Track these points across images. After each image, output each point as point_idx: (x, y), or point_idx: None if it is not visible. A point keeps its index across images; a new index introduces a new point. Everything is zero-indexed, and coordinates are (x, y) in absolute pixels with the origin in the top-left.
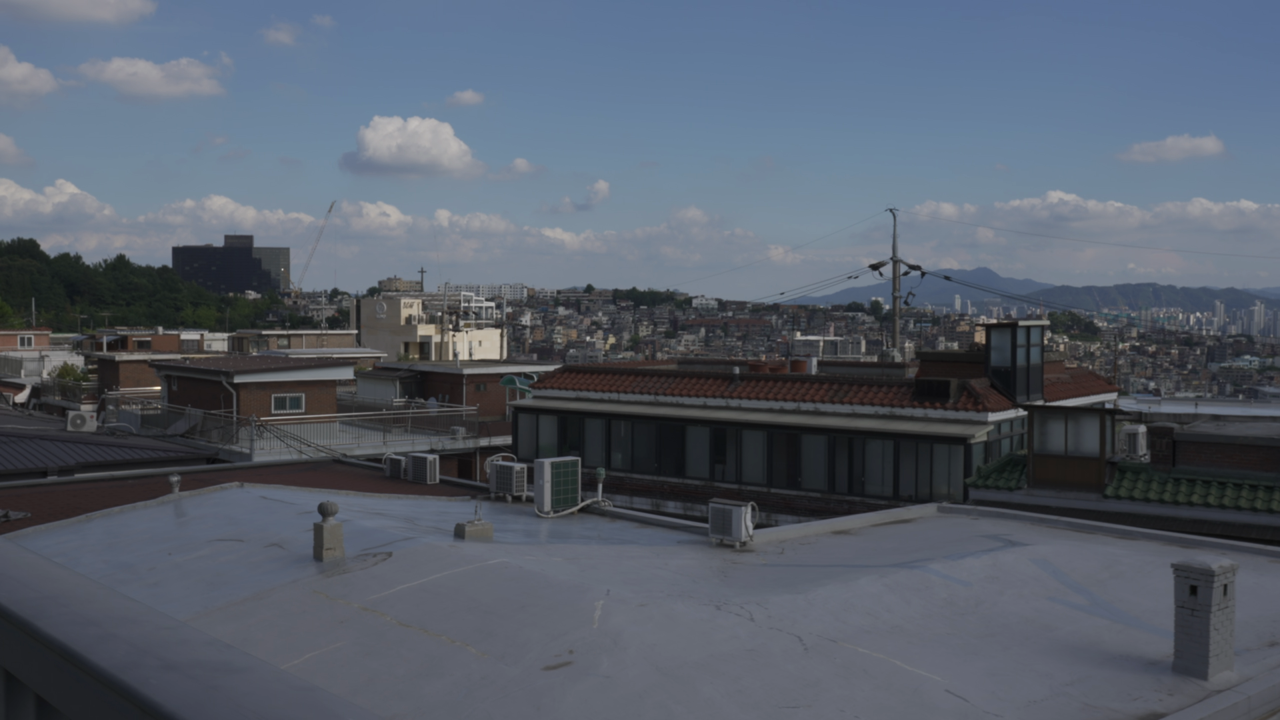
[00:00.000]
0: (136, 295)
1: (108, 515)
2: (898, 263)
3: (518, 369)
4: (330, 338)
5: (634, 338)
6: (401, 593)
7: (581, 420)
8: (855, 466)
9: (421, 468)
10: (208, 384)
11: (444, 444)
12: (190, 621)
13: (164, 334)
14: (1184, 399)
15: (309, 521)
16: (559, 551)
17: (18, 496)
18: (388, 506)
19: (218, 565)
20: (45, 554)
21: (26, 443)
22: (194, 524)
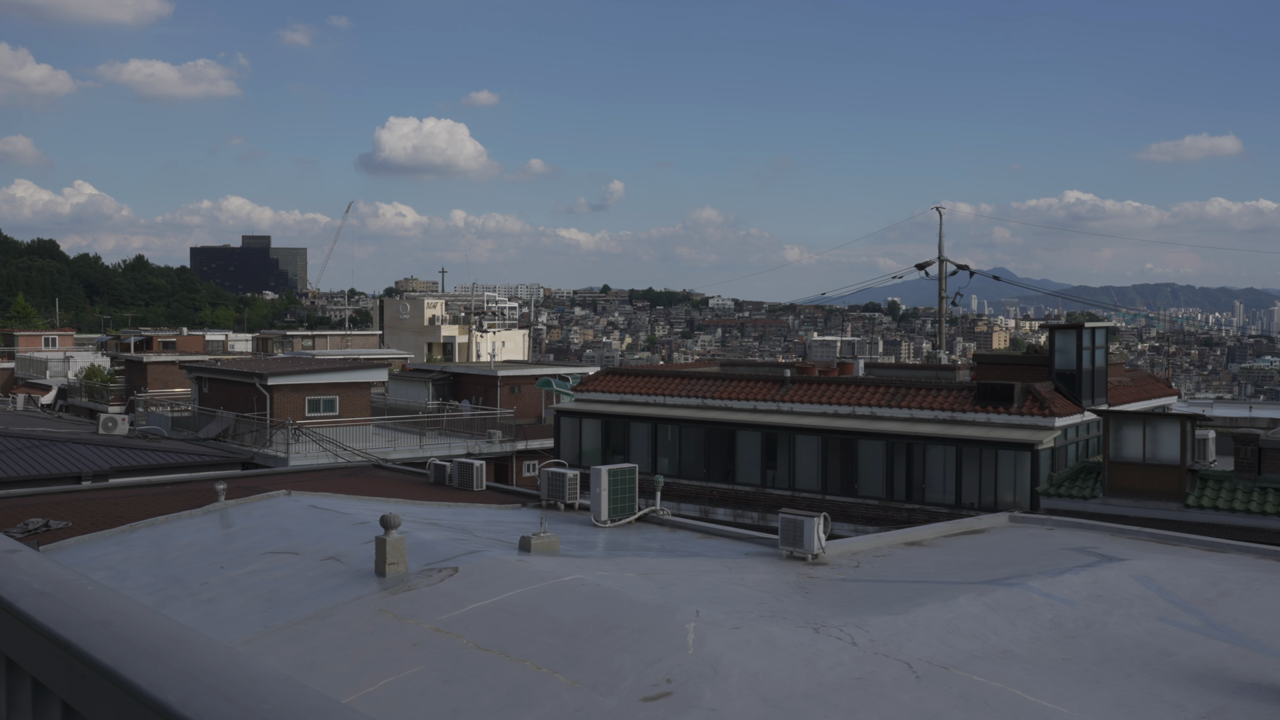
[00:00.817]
0: (155, 295)
1: (152, 525)
2: (944, 262)
3: (554, 370)
4: (355, 338)
5: (650, 338)
6: (475, 612)
7: (626, 424)
8: (915, 473)
9: (468, 474)
10: (240, 386)
11: (481, 447)
12: (251, 643)
13: (189, 334)
14: (1203, 400)
15: (365, 533)
16: (630, 566)
17: (57, 504)
18: (440, 515)
19: (273, 580)
20: (90, 566)
21: (59, 446)
22: (244, 535)
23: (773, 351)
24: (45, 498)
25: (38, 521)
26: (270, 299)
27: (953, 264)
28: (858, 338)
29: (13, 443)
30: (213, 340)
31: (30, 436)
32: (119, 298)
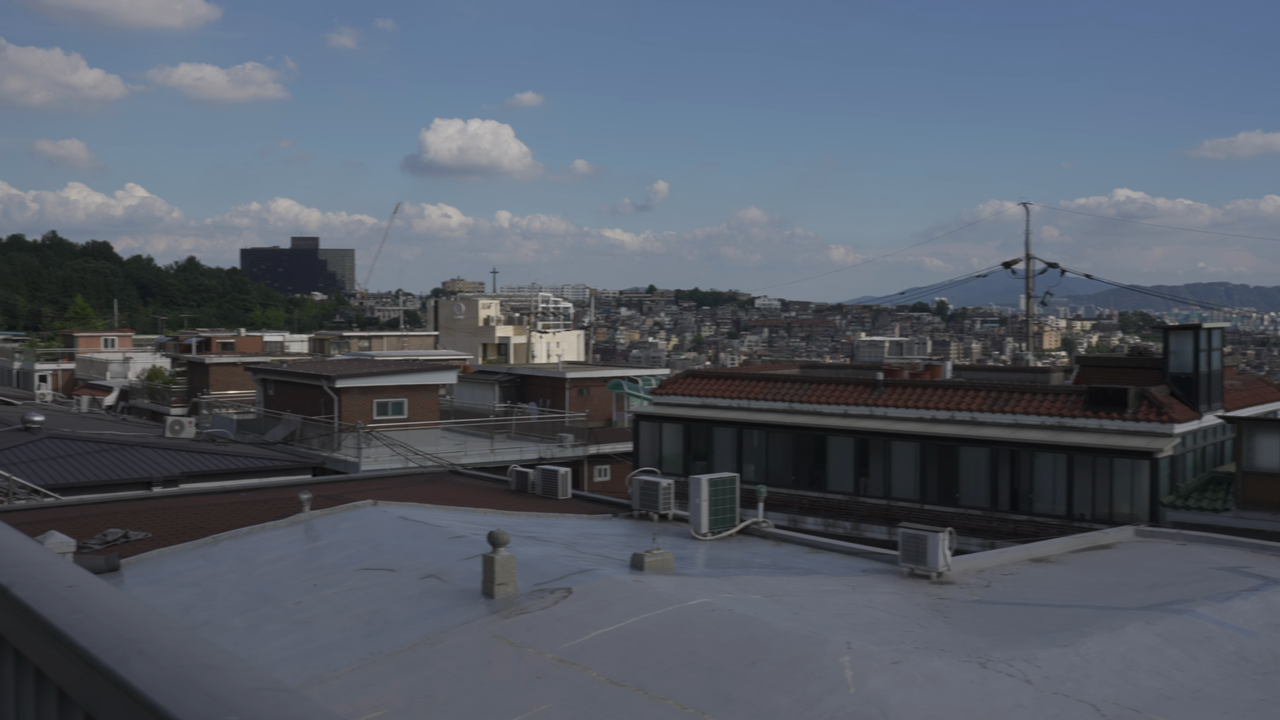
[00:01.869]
0: (207, 296)
1: (236, 537)
2: (1031, 260)
3: (624, 372)
4: (411, 339)
5: (696, 338)
6: (600, 641)
7: (709, 429)
8: (1021, 482)
9: (552, 481)
10: (306, 388)
11: (552, 452)
12: (357, 671)
13: (247, 335)
14: None
15: (463, 548)
16: (751, 586)
17: (134, 513)
18: (533, 527)
19: (372, 600)
20: (176, 582)
21: (128, 451)
22: (333, 549)
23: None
24: (120, 505)
25: (116, 532)
26: (319, 300)
27: (1041, 262)
28: (905, 338)
29: (83, 446)
30: (271, 341)
31: (99, 440)
32: (171, 299)
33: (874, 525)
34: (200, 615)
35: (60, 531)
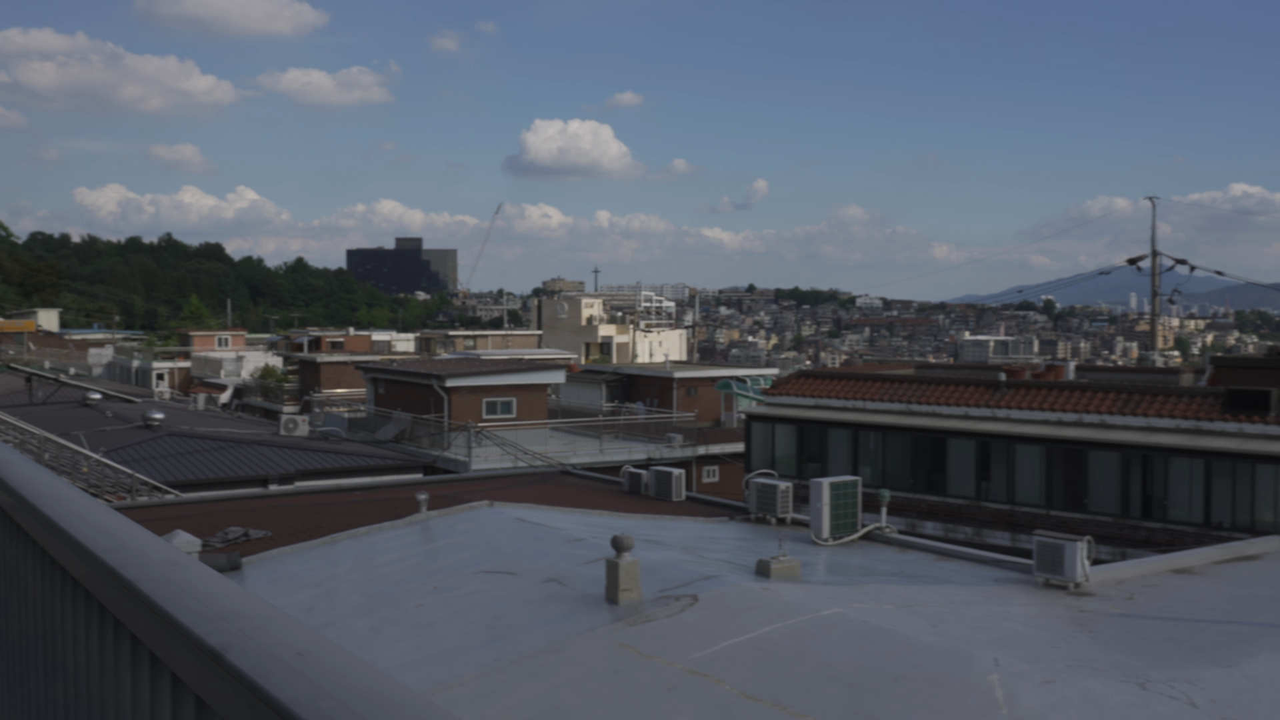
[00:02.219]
0: (314, 296)
1: (354, 537)
2: (1158, 256)
3: (733, 372)
4: (515, 338)
5: (797, 337)
6: (730, 652)
7: (823, 430)
8: (1154, 488)
9: (666, 483)
10: (416, 387)
11: (661, 452)
12: (482, 679)
13: (355, 334)
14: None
15: (582, 551)
16: (881, 595)
17: (253, 512)
18: (650, 530)
19: (492, 604)
20: (298, 582)
21: (244, 448)
22: (451, 550)
23: (922, 351)
24: (238, 503)
25: (237, 531)
26: (423, 299)
27: (1168, 258)
28: (1011, 337)
29: (201, 444)
30: (379, 340)
31: (216, 438)
32: (280, 298)
33: (997, 531)
34: (322, 616)
35: (183, 530)
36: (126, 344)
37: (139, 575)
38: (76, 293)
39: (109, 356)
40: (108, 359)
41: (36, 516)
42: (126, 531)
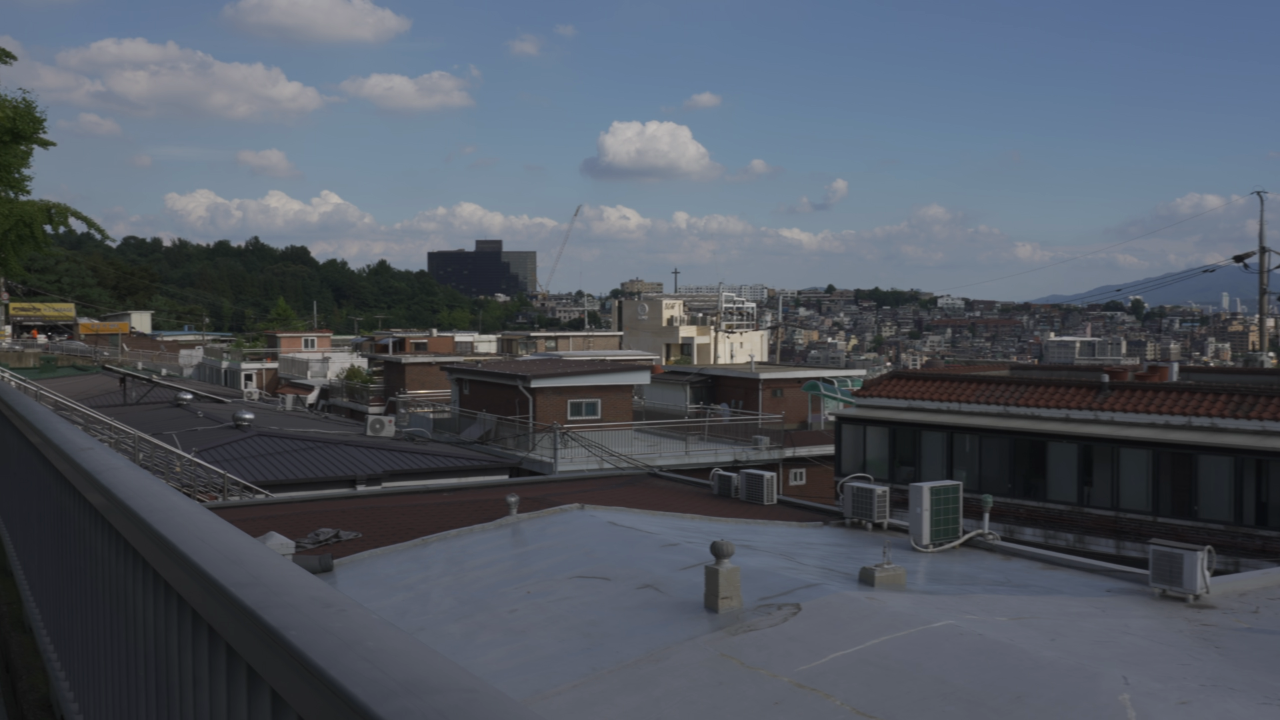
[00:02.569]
0: (396, 298)
1: (445, 539)
2: (1265, 253)
3: (820, 373)
4: (596, 339)
5: (877, 339)
6: (838, 665)
7: (916, 433)
8: (1271, 495)
9: (757, 486)
10: (501, 388)
11: (747, 454)
12: (580, 688)
13: (438, 336)
14: None
15: (677, 556)
16: (991, 606)
17: (343, 513)
18: (745, 535)
19: (587, 610)
20: (390, 585)
21: (332, 449)
22: (544, 554)
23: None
24: (328, 504)
25: (328, 532)
26: (502, 301)
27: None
28: (1098, 338)
29: (290, 444)
30: (461, 341)
31: (305, 438)
32: (364, 300)
33: (1100, 539)
34: (415, 620)
35: (274, 530)
36: (215, 345)
37: (285, 620)
38: (167, 295)
39: (199, 358)
40: (198, 360)
41: (148, 533)
42: (260, 558)
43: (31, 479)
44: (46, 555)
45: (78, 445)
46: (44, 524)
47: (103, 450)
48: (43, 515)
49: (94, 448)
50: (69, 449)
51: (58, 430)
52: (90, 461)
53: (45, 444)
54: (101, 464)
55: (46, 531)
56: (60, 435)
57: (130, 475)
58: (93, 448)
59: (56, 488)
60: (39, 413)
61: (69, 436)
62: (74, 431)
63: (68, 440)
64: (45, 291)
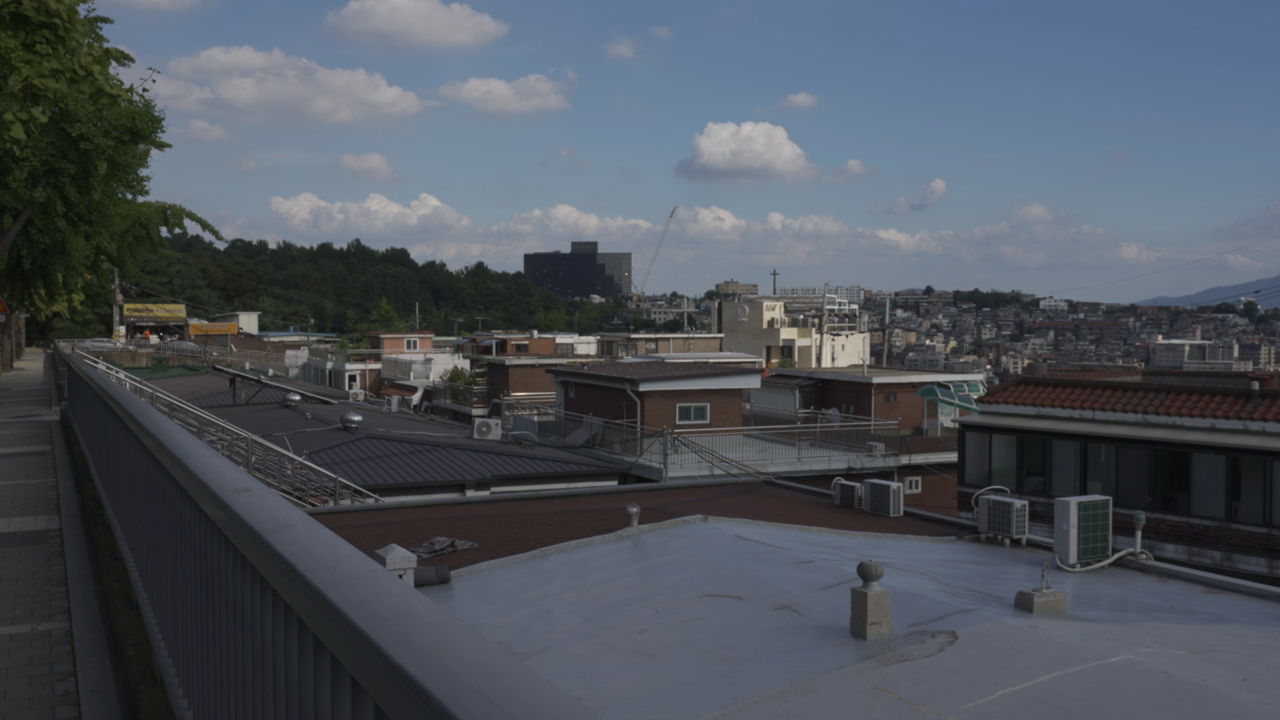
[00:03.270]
0: (493, 300)
1: (564, 551)
2: None
3: (936, 378)
4: (697, 341)
5: (976, 341)
6: (1008, 703)
7: (1046, 442)
8: None
9: (883, 497)
10: (608, 391)
11: (861, 461)
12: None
13: (539, 337)
14: None
15: (813, 575)
16: (1165, 637)
17: (457, 520)
18: (877, 551)
19: (721, 632)
20: (510, 600)
21: (440, 452)
22: (669, 570)
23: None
24: (439, 510)
25: (444, 541)
26: (598, 302)
27: None
28: (1208, 341)
29: (397, 447)
30: (562, 343)
31: (412, 441)
32: (461, 302)
33: (1250, 556)
34: (539, 639)
35: (390, 539)
36: (320, 346)
37: None
38: (272, 297)
39: (304, 358)
40: (303, 360)
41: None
42: None
43: (166, 512)
44: (182, 598)
45: (231, 486)
46: (180, 562)
47: (263, 492)
48: (179, 555)
49: (251, 488)
50: (225, 496)
51: (209, 465)
52: (250, 511)
53: (188, 477)
54: (271, 519)
55: (184, 580)
56: (210, 470)
57: (310, 535)
58: (250, 488)
59: (200, 529)
60: (176, 436)
61: (224, 473)
62: (224, 465)
63: (221, 478)
64: (157, 293)
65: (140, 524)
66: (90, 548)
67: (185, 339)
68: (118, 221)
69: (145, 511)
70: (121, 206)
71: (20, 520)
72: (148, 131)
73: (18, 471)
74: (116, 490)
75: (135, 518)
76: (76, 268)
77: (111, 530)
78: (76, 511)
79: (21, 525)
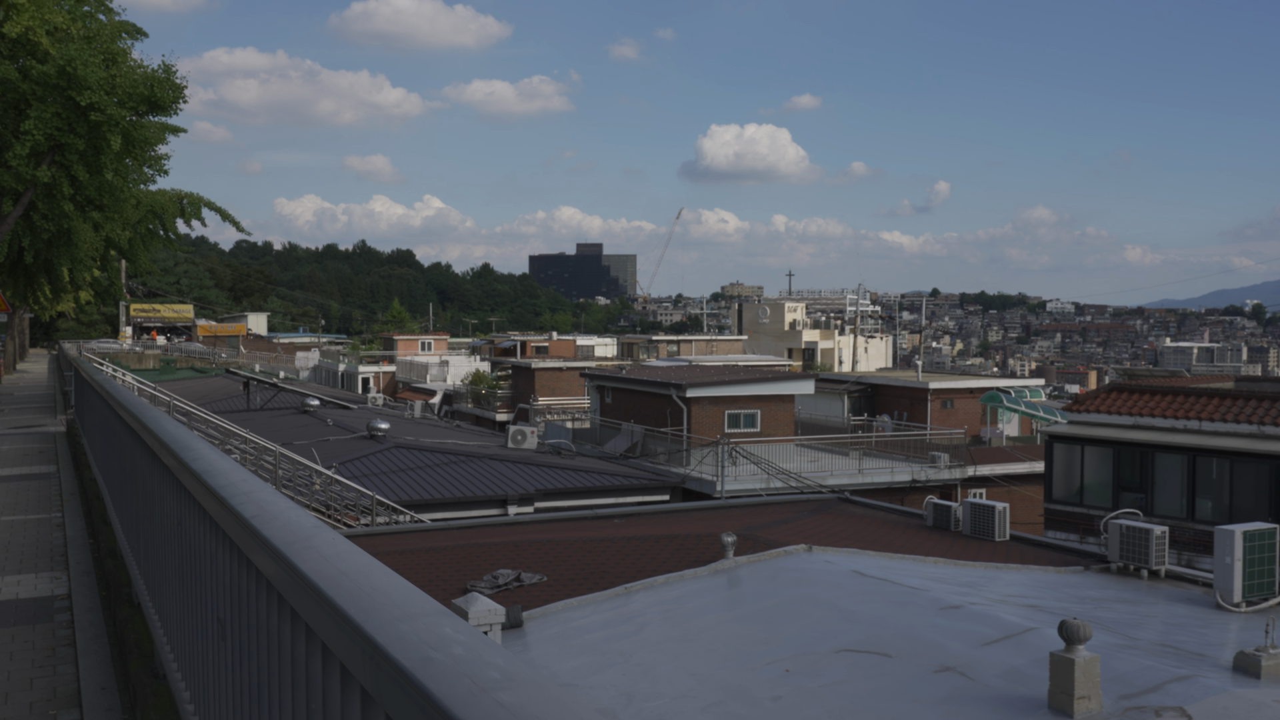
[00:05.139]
0: (499, 301)
1: (651, 588)
2: None
3: (999, 383)
4: (720, 344)
5: (983, 343)
6: None
7: (1146, 455)
8: None
9: (986, 518)
10: (650, 397)
11: (925, 473)
12: None
13: (559, 339)
14: None
15: (970, 626)
16: None
17: (515, 548)
18: (1003, 585)
19: (876, 701)
20: (603, 650)
21: (477, 464)
22: (787, 615)
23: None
24: (489, 532)
25: (508, 574)
26: (604, 304)
27: None
28: (1216, 343)
29: (431, 458)
30: (583, 345)
31: (445, 451)
32: (467, 303)
33: None
34: (649, 707)
35: (436, 564)
36: (331, 348)
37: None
38: (279, 298)
39: (315, 360)
40: (314, 362)
41: None
42: None
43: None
44: None
45: (299, 535)
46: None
47: (328, 535)
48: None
49: (314, 536)
50: (285, 548)
51: (272, 510)
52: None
53: (228, 515)
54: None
55: None
56: (275, 516)
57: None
58: (311, 539)
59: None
60: (233, 476)
61: (291, 519)
62: (283, 504)
63: (289, 526)
64: (164, 293)
65: (181, 602)
66: (113, 638)
67: (193, 340)
68: (130, 209)
69: (191, 585)
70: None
71: (16, 581)
72: (168, 101)
73: (16, 503)
74: (147, 547)
75: (172, 594)
76: (84, 260)
77: (142, 613)
78: (90, 568)
79: (18, 589)
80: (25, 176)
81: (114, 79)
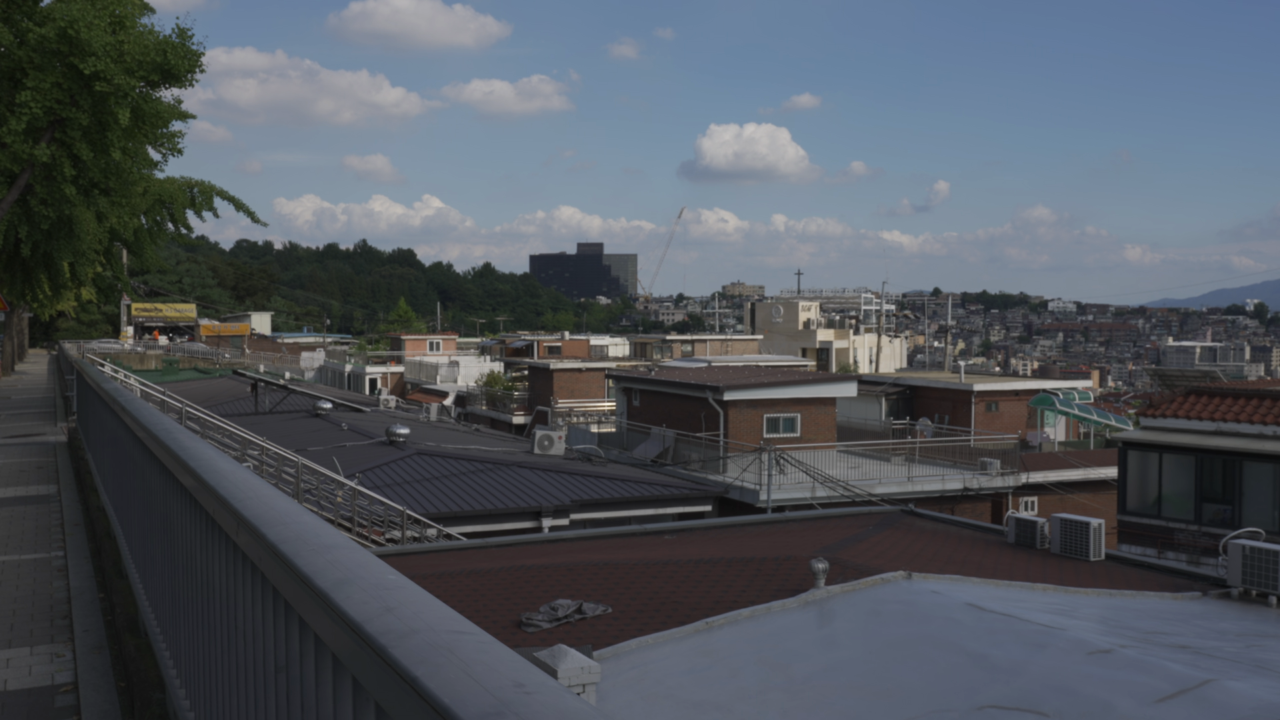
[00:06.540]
0: (501, 300)
1: (736, 622)
2: None
3: (1049, 384)
4: (735, 343)
5: (985, 343)
6: None
7: (1233, 463)
8: None
9: (1079, 535)
10: (683, 399)
11: (976, 480)
12: None
13: (571, 339)
14: None
15: (1131, 676)
16: None
17: (569, 571)
18: (1146, 620)
19: None
20: (686, 699)
21: (505, 471)
22: (904, 657)
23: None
24: (534, 551)
25: (568, 605)
26: (605, 304)
27: None
28: (1219, 343)
29: (455, 465)
30: (596, 345)
31: (469, 458)
32: (469, 303)
33: None
34: None
35: (481, 591)
36: (336, 348)
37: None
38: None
39: (320, 360)
40: (319, 362)
41: None
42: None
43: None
44: None
45: (339, 577)
46: None
47: (377, 571)
48: None
49: (353, 580)
50: (326, 586)
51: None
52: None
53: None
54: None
55: None
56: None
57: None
58: (350, 581)
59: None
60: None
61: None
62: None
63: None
64: (166, 292)
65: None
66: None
67: (196, 340)
68: (139, 196)
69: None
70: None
71: (5, 660)
72: (183, 70)
73: (9, 536)
74: (186, 630)
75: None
76: (86, 253)
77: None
78: (103, 641)
79: (6, 673)
80: (22, 156)
81: (121, 44)
